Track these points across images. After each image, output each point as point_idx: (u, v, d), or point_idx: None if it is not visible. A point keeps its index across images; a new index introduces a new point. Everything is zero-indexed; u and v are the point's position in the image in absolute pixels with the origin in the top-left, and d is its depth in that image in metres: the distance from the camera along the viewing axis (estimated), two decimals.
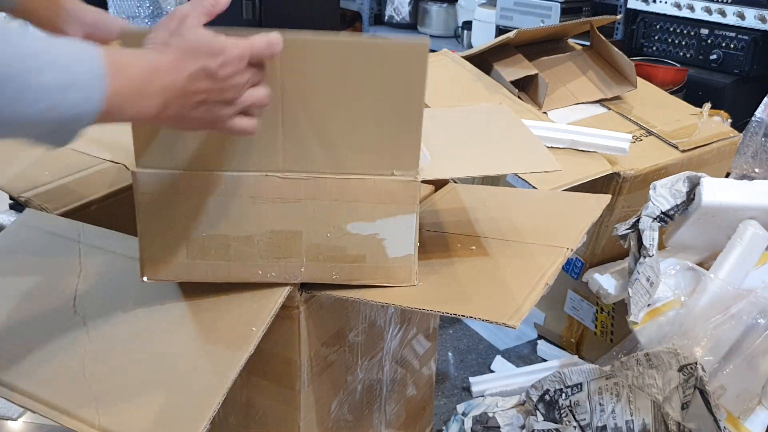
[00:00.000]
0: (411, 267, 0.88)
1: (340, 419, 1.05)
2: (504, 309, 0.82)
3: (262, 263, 0.87)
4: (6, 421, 1.33)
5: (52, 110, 0.62)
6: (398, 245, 0.87)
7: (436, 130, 1.06)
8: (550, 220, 1.08)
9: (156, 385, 0.78)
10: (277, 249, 0.86)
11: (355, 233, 0.85)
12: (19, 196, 1.07)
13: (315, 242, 0.86)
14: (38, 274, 0.94)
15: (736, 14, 2.25)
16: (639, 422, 1.19)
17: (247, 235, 0.85)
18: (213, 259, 0.87)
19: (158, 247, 0.86)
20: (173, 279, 0.89)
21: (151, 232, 0.86)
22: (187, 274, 0.88)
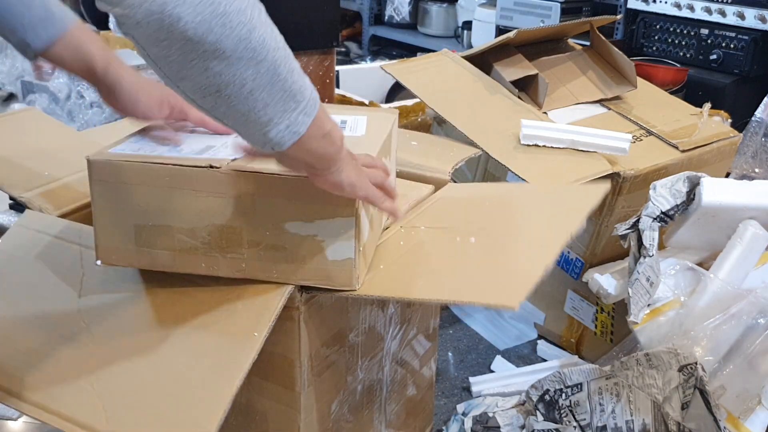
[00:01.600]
0: (351, 271, 0.87)
1: (341, 419, 1.05)
2: (503, 293, 0.82)
3: (205, 257, 0.88)
4: (6, 421, 1.33)
5: (300, 76, 0.69)
6: (338, 248, 0.86)
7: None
8: (550, 209, 1.08)
9: (162, 392, 0.78)
10: (218, 243, 0.87)
11: (293, 233, 0.85)
12: (19, 196, 1.07)
13: (255, 239, 0.86)
14: (41, 279, 0.94)
15: (736, 14, 2.25)
16: (639, 422, 1.19)
17: (191, 227, 0.87)
18: (159, 248, 0.88)
19: (110, 234, 0.89)
20: (124, 265, 0.91)
21: (104, 219, 0.89)
22: (136, 262, 0.90)
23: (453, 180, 1.23)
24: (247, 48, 0.64)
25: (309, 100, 0.71)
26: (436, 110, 1.53)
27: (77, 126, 2.62)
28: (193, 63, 0.63)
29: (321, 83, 1.89)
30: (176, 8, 0.60)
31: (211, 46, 0.62)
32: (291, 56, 0.69)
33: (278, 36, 0.68)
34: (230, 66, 0.64)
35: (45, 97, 2.79)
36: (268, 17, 0.67)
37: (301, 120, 0.70)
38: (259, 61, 0.65)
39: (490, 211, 1.10)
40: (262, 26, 0.65)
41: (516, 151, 1.44)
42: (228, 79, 0.65)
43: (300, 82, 0.70)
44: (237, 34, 0.63)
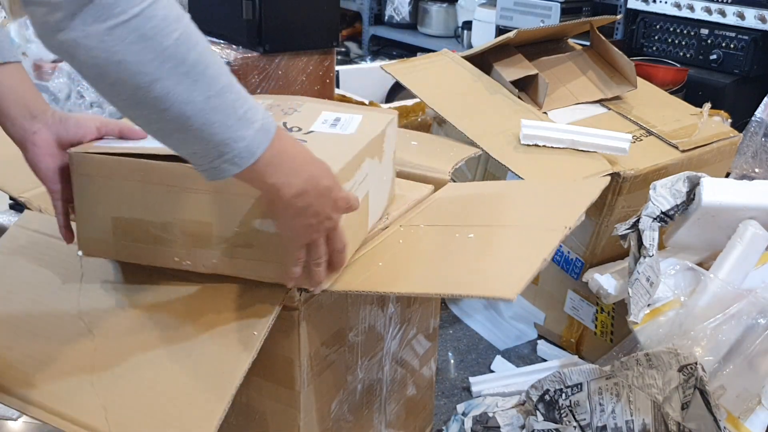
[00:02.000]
0: None
1: (340, 419, 1.05)
2: (500, 285, 0.82)
3: (178, 251, 0.89)
4: (6, 421, 1.33)
5: (222, 128, 0.67)
6: None
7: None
8: (548, 204, 1.08)
9: (162, 392, 0.78)
10: (190, 238, 0.88)
11: (262, 230, 0.85)
12: (19, 196, 1.07)
13: (225, 235, 0.87)
14: (41, 280, 0.94)
15: (736, 14, 2.25)
16: (639, 422, 1.19)
17: (164, 221, 0.88)
18: (135, 241, 0.90)
19: (91, 225, 0.91)
20: (103, 256, 0.93)
21: (84, 211, 0.91)
22: (114, 254, 0.92)
23: (453, 180, 1.23)
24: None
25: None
26: (436, 110, 1.53)
27: None
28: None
29: (321, 83, 1.89)
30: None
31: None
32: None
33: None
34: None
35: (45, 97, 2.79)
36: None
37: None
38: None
39: (488, 207, 1.10)
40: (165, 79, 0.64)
41: (516, 151, 1.44)
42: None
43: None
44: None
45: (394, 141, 1.07)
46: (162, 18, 0.62)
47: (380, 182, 1.03)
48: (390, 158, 1.07)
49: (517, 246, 0.93)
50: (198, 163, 0.70)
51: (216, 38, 1.92)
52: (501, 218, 1.04)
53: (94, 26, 0.60)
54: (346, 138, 0.97)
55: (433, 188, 1.17)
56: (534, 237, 0.94)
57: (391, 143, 1.06)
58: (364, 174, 0.94)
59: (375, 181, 1.00)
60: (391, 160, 1.08)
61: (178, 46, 0.63)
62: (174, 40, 0.63)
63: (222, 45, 1.85)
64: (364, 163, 0.94)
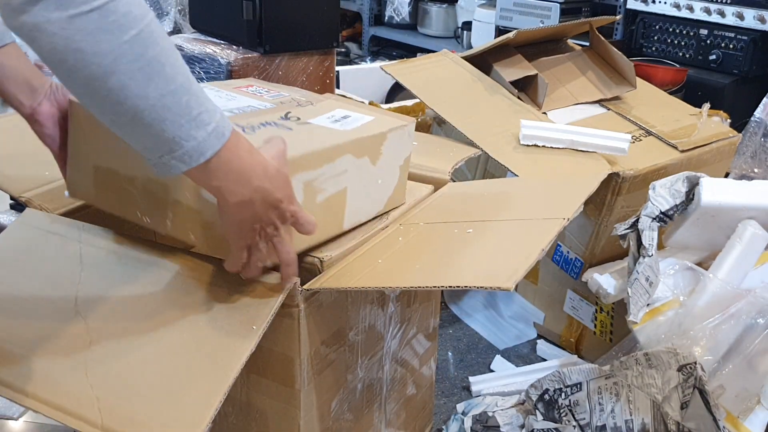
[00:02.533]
0: None
1: (341, 418, 1.05)
2: (498, 275, 0.82)
3: (141, 207, 0.92)
4: (7, 420, 1.33)
5: (174, 126, 0.68)
6: None
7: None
8: (546, 198, 1.09)
9: (157, 384, 0.79)
10: (151, 196, 0.91)
11: (208, 200, 0.85)
12: (20, 196, 1.07)
13: (178, 199, 0.89)
14: (40, 274, 0.94)
15: (735, 15, 2.25)
16: (638, 422, 1.20)
17: (131, 175, 0.92)
18: (109, 191, 0.95)
19: (77, 171, 0.97)
20: (85, 200, 1.01)
21: (74, 156, 0.97)
22: (94, 200, 0.99)
23: (453, 180, 1.24)
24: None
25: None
26: (436, 110, 1.53)
27: None
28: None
29: (321, 83, 1.89)
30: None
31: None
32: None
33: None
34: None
35: None
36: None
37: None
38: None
39: (487, 203, 1.10)
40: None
41: (515, 151, 1.44)
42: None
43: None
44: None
45: (403, 147, 1.05)
46: (123, 14, 0.64)
47: (370, 183, 1.02)
48: (392, 163, 1.05)
49: (515, 238, 0.94)
50: (148, 156, 0.72)
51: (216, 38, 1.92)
52: (499, 213, 1.04)
53: (56, 13, 0.62)
54: (337, 133, 0.97)
55: (433, 188, 1.18)
56: (532, 229, 0.95)
57: (396, 148, 1.04)
58: (340, 169, 0.94)
59: (360, 180, 0.99)
60: (396, 165, 1.06)
61: (136, 42, 0.65)
62: (132, 36, 0.65)
63: (222, 45, 1.86)
64: (342, 158, 0.94)
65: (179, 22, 2.89)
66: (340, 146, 0.94)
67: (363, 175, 0.99)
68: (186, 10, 2.65)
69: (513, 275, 0.81)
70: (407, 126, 1.05)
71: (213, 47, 1.84)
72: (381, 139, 1.01)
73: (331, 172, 0.93)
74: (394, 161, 1.05)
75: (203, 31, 2.00)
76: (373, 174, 1.01)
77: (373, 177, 1.02)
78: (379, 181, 1.03)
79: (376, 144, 1.00)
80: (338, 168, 0.94)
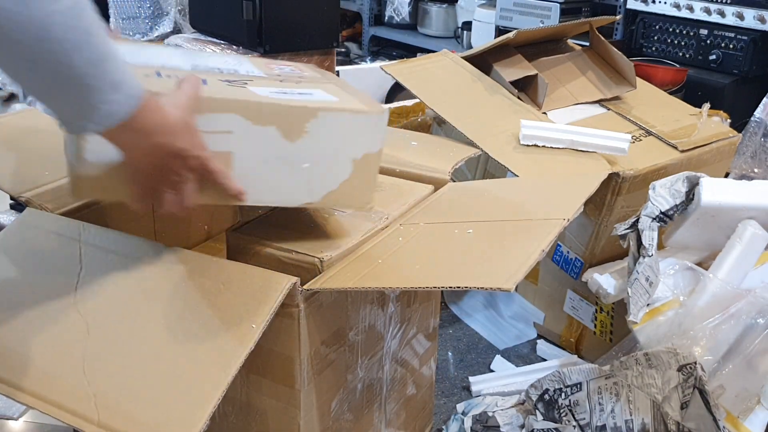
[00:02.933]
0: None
1: (341, 418, 1.05)
2: (498, 276, 0.82)
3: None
4: (7, 420, 1.33)
5: (92, 92, 0.71)
6: None
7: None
8: (547, 198, 1.08)
9: (155, 382, 0.79)
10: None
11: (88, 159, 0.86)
12: (20, 196, 1.07)
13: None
14: (39, 272, 0.94)
15: (735, 15, 2.25)
16: (638, 422, 1.20)
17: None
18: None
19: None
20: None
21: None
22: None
23: (453, 180, 1.24)
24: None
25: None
26: (435, 110, 1.53)
27: None
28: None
29: None
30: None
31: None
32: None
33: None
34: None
35: None
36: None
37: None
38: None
39: (487, 203, 1.10)
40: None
41: (515, 151, 1.44)
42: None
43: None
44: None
45: (358, 138, 0.93)
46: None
47: (285, 162, 0.91)
48: (334, 151, 0.93)
49: (515, 239, 0.94)
50: (62, 118, 0.75)
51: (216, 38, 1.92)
52: (499, 213, 1.04)
53: None
54: (251, 95, 0.89)
55: (433, 188, 1.18)
56: (532, 229, 0.95)
57: (339, 134, 0.92)
58: (221, 127, 0.86)
59: (258, 151, 0.89)
60: (346, 157, 0.93)
61: (65, 12, 0.67)
62: (66, 7, 0.67)
63: (222, 45, 1.86)
64: (224, 115, 0.86)
65: (179, 22, 2.89)
66: (226, 101, 0.86)
67: (267, 147, 0.89)
68: (186, 10, 2.65)
69: (513, 276, 0.81)
70: (364, 114, 0.92)
71: (213, 47, 1.84)
72: (305, 114, 0.89)
73: (203, 126, 0.85)
74: (340, 150, 0.93)
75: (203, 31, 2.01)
76: (290, 153, 0.90)
77: (290, 156, 0.90)
78: (306, 165, 0.92)
79: (296, 119, 0.89)
80: (217, 124, 0.86)
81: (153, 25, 2.86)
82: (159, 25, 2.88)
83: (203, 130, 0.85)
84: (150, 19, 2.87)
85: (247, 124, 0.87)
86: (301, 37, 1.83)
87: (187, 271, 0.91)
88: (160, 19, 2.89)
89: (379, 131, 0.94)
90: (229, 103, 0.86)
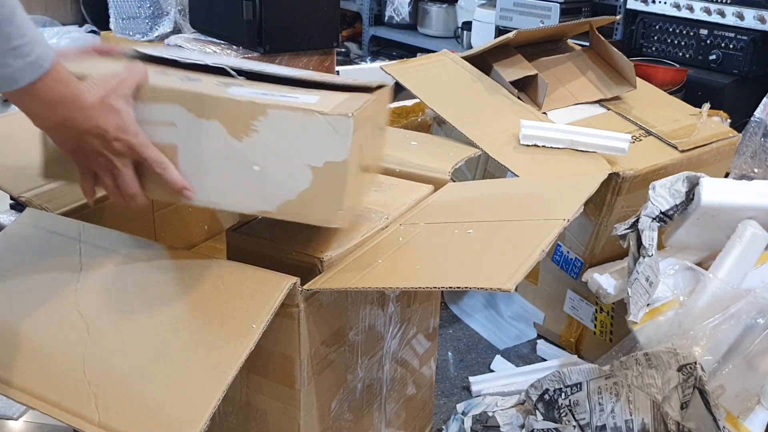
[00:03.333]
0: None
1: (340, 418, 1.05)
2: (498, 276, 0.82)
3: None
4: (7, 420, 1.33)
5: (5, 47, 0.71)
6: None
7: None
8: (547, 198, 1.08)
9: (155, 382, 0.79)
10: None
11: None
12: (20, 196, 1.07)
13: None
14: (39, 272, 0.94)
15: (735, 15, 2.25)
16: (638, 422, 1.20)
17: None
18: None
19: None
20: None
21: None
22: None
23: (453, 180, 1.24)
24: None
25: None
26: (435, 110, 1.53)
27: None
28: None
29: None
30: None
31: None
32: None
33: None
34: None
35: None
36: None
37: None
38: None
39: (487, 204, 1.10)
40: None
41: (515, 151, 1.44)
42: None
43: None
44: None
45: (318, 142, 0.84)
46: None
47: (232, 163, 0.86)
48: (289, 154, 0.85)
49: (515, 239, 0.93)
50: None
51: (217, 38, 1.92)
52: (500, 214, 1.04)
53: None
54: (201, 87, 0.86)
55: (433, 188, 1.18)
56: (532, 230, 0.95)
57: (294, 137, 0.84)
58: (164, 117, 0.84)
59: (201, 148, 0.85)
60: (302, 162, 0.85)
61: None
62: None
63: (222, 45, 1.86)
64: (167, 105, 0.84)
65: (179, 22, 2.89)
66: (167, 91, 0.83)
67: (212, 144, 0.85)
68: (186, 10, 2.65)
69: (513, 276, 0.81)
70: (319, 115, 0.83)
71: (213, 47, 1.84)
72: (251, 111, 0.83)
73: (144, 114, 0.84)
74: (294, 154, 0.85)
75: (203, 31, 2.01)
76: (238, 152, 0.85)
77: (238, 156, 0.85)
78: (256, 167, 0.85)
79: (242, 115, 0.83)
80: (156, 114, 0.84)
81: (153, 25, 2.86)
82: (159, 25, 2.88)
83: (145, 118, 0.84)
84: (150, 19, 2.87)
85: (190, 117, 0.84)
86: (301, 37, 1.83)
87: (187, 271, 0.91)
88: (160, 19, 2.89)
89: (341, 137, 0.83)
90: (171, 92, 0.83)
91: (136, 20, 2.87)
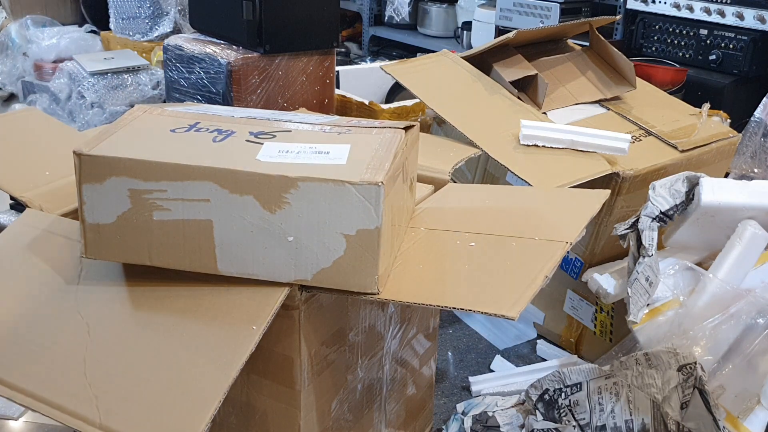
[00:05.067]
0: None
1: (341, 418, 1.05)
2: (503, 301, 0.83)
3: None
4: (7, 420, 1.33)
5: None
6: None
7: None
8: (549, 215, 1.08)
9: (157, 383, 0.79)
10: None
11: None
12: (20, 196, 1.07)
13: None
14: (39, 273, 0.94)
15: (735, 15, 2.25)
16: (638, 422, 1.20)
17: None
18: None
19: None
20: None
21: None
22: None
23: (453, 180, 1.24)
24: None
25: None
26: (435, 110, 1.53)
27: (78, 126, 2.63)
28: None
29: (321, 83, 1.89)
30: None
31: None
32: None
33: None
34: None
35: (46, 97, 2.80)
36: None
37: None
38: None
39: (490, 215, 1.09)
40: None
41: (515, 151, 1.44)
42: None
43: None
44: None
45: (348, 212, 0.84)
46: None
47: (269, 234, 0.86)
48: (322, 224, 0.85)
49: (519, 259, 0.94)
50: None
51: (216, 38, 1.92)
52: (502, 227, 1.03)
53: None
54: (244, 160, 0.87)
55: (433, 188, 1.18)
56: (535, 250, 0.95)
57: (325, 207, 0.84)
58: (197, 195, 0.85)
59: (238, 222, 0.86)
60: (335, 231, 0.85)
61: None
62: None
63: (222, 45, 1.85)
64: (199, 183, 0.85)
65: (179, 22, 2.89)
66: (200, 169, 0.84)
67: (247, 217, 0.85)
68: (186, 10, 2.65)
69: (518, 303, 0.82)
70: (351, 185, 0.83)
71: (213, 47, 1.84)
72: (284, 184, 0.84)
73: (179, 193, 0.84)
74: (327, 224, 0.85)
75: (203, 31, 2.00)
76: (272, 224, 0.85)
77: (272, 228, 0.85)
78: (290, 238, 0.86)
79: (274, 189, 0.84)
80: (192, 192, 0.85)
81: (153, 25, 2.87)
82: (159, 25, 2.88)
83: (181, 196, 0.84)
84: (150, 19, 2.87)
85: (224, 193, 0.84)
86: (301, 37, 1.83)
87: (187, 272, 0.91)
88: (160, 19, 2.89)
89: (372, 204, 0.83)
90: (204, 170, 0.83)
91: (136, 20, 2.87)
